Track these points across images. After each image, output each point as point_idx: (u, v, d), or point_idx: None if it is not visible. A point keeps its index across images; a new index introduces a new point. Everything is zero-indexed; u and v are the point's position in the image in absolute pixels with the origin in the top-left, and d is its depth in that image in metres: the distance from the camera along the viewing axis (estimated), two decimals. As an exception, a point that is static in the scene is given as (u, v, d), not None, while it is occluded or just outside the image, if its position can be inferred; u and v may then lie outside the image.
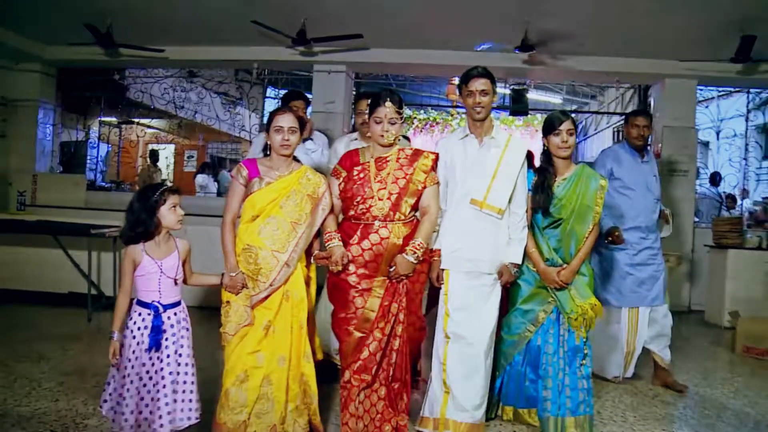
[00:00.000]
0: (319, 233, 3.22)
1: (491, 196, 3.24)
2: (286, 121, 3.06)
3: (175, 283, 2.84)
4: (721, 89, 9.03)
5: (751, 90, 8.87)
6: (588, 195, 3.34)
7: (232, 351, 3.00)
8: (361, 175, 3.17)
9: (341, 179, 3.22)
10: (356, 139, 4.12)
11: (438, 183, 3.25)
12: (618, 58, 7.62)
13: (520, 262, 3.35)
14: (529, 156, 3.63)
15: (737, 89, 9.08)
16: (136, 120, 12.34)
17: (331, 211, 3.21)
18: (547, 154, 3.46)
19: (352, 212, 3.16)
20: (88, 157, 10.63)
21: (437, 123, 13.35)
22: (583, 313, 3.28)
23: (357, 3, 6.23)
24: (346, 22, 6.59)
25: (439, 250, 3.31)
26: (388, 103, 3.12)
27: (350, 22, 6.58)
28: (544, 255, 3.37)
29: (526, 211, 3.39)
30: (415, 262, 3.07)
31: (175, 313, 2.82)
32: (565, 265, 3.33)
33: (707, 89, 8.86)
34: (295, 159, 3.21)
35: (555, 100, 14.41)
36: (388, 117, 3.12)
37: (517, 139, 3.48)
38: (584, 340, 3.33)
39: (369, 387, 3.09)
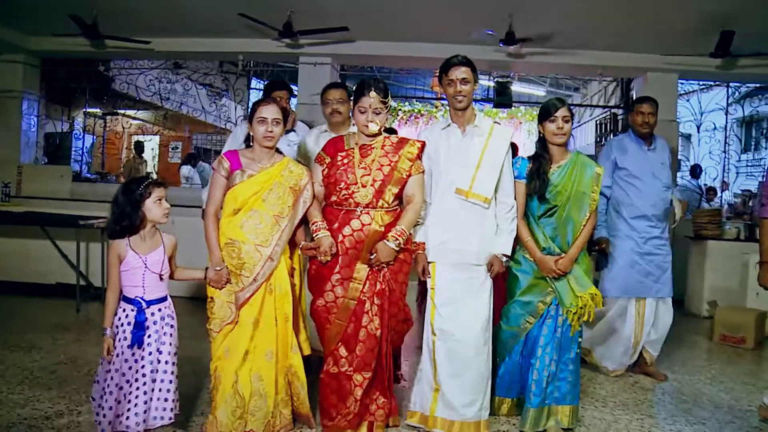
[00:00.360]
0: (304, 222, 3.18)
1: (477, 185, 3.18)
2: (270, 112, 3.01)
3: (161, 279, 2.79)
4: (702, 83, 9.15)
5: (731, 84, 9.02)
6: (584, 182, 3.32)
7: (218, 347, 2.98)
8: (345, 161, 3.11)
9: (325, 165, 3.16)
10: (326, 131, 4.03)
11: (423, 172, 3.19)
12: (601, 51, 7.75)
13: (509, 253, 3.29)
14: (513, 147, 3.59)
15: (717, 83, 9.23)
16: (122, 111, 12.29)
17: (316, 200, 3.16)
18: (542, 141, 3.42)
19: (334, 198, 3.09)
20: (73, 149, 10.57)
21: (422, 115, 13.45)
22: (583, 305, 3.25)
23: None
24: (332, 14, 6.63)
25: (424, 243, 3.25)
26: (373, 93, 3.05)
27: (336, 15, 6.62)
28: (540, 244, 3.32)
29: (519, 200, 3.34)
30: (396, 248, 3.01)
31: (160, 309, 2.78)
32: (562, 254, 3.29)
33: (688, 83, 9.01)
34: (278, 151, 3.16)
35: (538, 92, 14.53)
36: (373, 107, 3.06)
37: (501, 127, 3.38)
38: (579, 331, 3.34)
39: (367, 380, 3.06)
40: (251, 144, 3.10)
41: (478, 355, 3.18)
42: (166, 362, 2.74)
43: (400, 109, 13.33)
